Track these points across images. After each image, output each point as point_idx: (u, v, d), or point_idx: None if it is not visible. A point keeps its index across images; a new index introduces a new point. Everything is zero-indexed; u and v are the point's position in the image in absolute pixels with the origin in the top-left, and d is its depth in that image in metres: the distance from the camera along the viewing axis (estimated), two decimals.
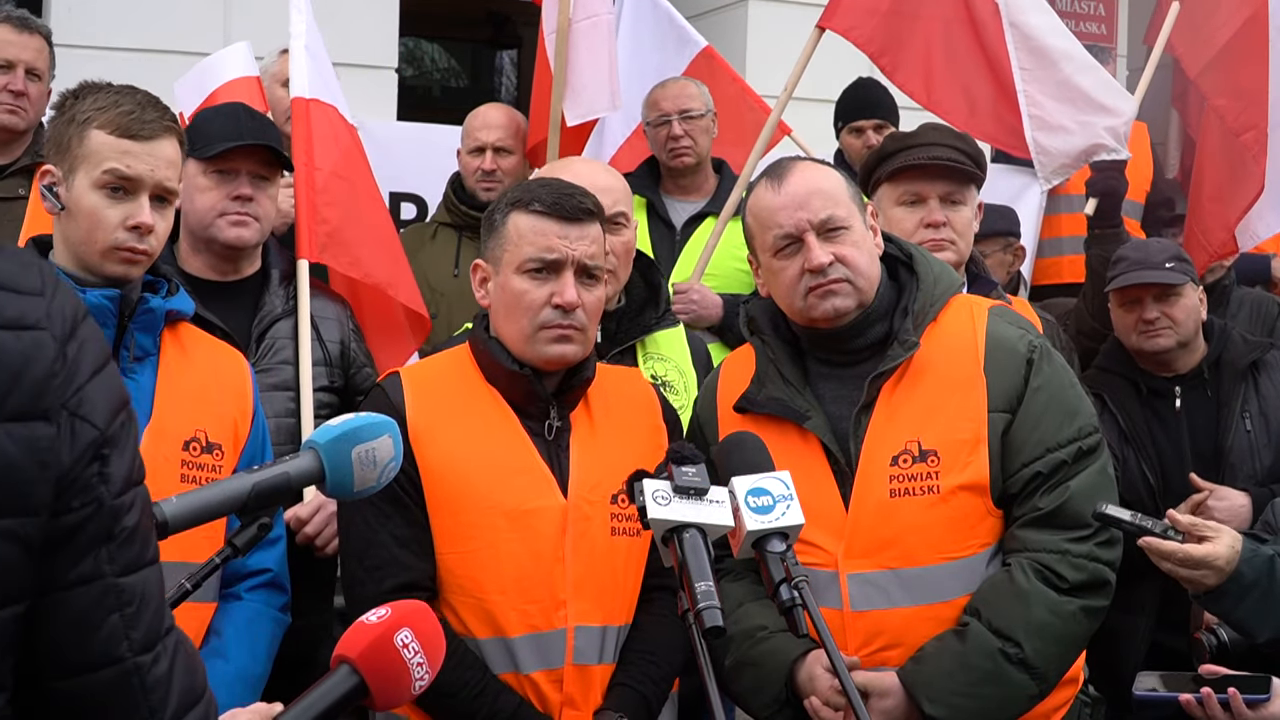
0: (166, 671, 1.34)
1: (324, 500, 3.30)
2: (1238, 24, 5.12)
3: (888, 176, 3.47)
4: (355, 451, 1.99)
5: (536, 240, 2.57)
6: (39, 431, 1.24)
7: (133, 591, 1.32)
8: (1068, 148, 4.51)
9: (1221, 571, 2.58)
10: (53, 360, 1.26)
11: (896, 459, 2.56)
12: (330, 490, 2.01)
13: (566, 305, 2.54)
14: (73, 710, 1.30)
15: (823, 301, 2.61)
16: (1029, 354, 2.63)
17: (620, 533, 2.59)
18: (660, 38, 5.58)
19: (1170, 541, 2.55)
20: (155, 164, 2.52)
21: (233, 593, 2.68)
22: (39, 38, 4.39)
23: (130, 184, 2.51)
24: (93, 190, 2.50)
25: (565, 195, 2.59)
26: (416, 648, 1.66)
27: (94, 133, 2.49)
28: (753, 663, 2.63)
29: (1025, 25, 4.52)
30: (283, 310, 3.48)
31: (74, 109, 2.53)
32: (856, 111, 5.46)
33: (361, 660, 1.63)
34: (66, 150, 2.52)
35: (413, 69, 11.55)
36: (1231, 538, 2.61)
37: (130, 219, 2.50)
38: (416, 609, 1.70)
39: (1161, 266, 3.98)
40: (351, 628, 1.67)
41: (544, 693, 2.54)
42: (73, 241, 2.52)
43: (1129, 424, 4.00)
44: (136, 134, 2.50)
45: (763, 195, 2.68)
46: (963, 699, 2.49)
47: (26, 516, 1.23)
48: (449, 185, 4.87)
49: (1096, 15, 9.00)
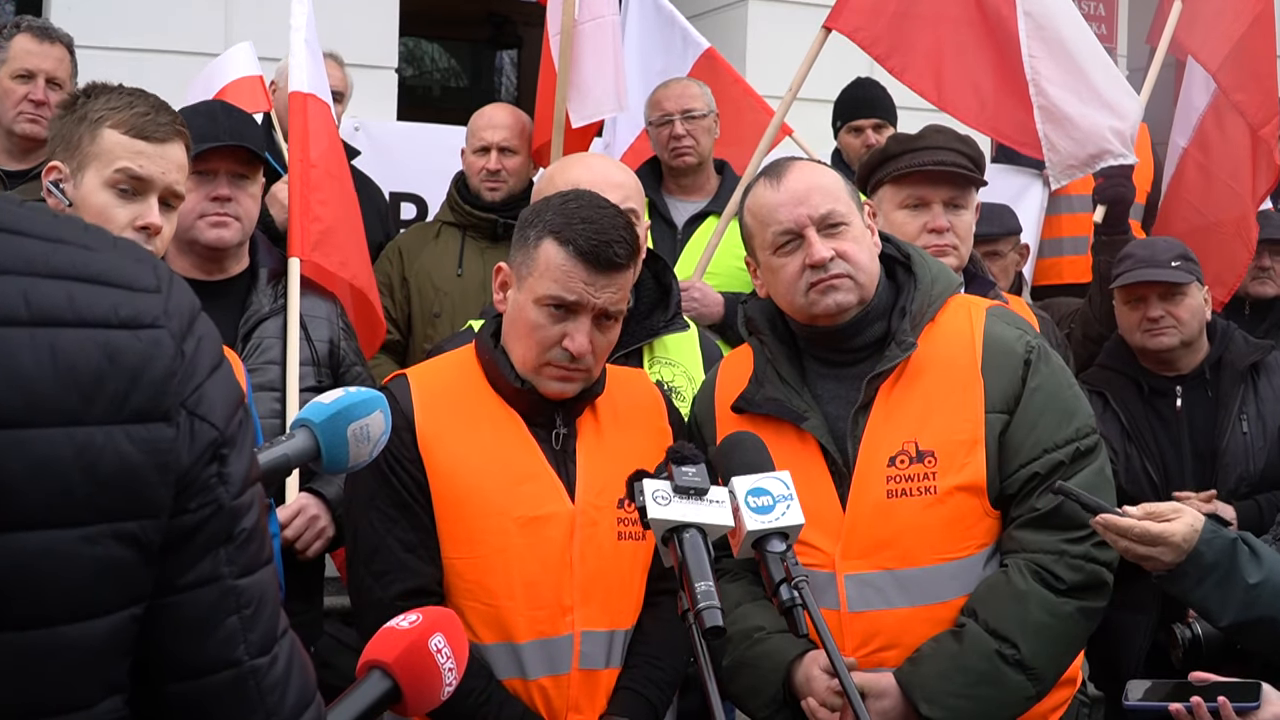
0: (283, 674, 1.33)
1: (305, 503, 3.30)
2: (1248, 20, 5.15)
3: (890, 179, 3.47)
4: (351, 429, 2.00)
5: (562, 280, 2.52)
6: (159, 433, 1.22)
7: (251, 594, 1.30)
8: (1075, 147, 4.50)
9: (1178, 549, 2.57)
10: (171, 359, 1.24)
11: (894, 459, 2.56)
12: (326, 467, 2.02)
13: (576, 353, 2.52)
14: (189, 712, 1.28)
15: (824, 297, 2.60)
16: (1026, 354, 2.62)
17: (626, 537, 2.59)
18: (664, 40, 5.59)
19: (1126, 518, 2.55)
20: (166, 166, 2.53)
21: None
22: (60, 47, 4.40)
23: (140, 185, 2.51)
24: (103, 189, 2.50)
25: (603, 243, 2.51)
26: (449, 653, 1.67)
27: (107, 132, 2.50)
28: (750, 664, 2.63)
29: (1039, 14, 4.50)
30: (270, 309, 3.46)
31: (86, 108, 2.53)
32: (855, 111, 5.47)
33: (397, 665, 1.63)
34: (76, 148, 2.52)
35: (413, 69, 11.55)
36: (1192, 517, 2.60)
37: (139, 219, 2.50)
38: (445, 615, 1.71)
39: (1167, 265, 3.98)
40: (381, 633, 1.67)
41: (550, 698, 2.53)
42: None
43: (1131, 422, 4.00)
44: (150, 135, 2.51)
45: (762, 193, 2.68)
46: (959, 700, 2.49)
47: (147, 519, 1.21)
48: (452, 184, 4.87)
49: (1097, 15, 9.00)
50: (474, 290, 4.54)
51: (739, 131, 5.21)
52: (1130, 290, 4.02)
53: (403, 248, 4.79)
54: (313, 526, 3.29)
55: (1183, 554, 2.57)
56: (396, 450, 2.52)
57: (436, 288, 4.65)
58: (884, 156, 3.52)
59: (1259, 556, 2.63)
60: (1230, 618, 2.61)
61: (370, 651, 1.65)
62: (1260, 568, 2.61)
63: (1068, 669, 2.66)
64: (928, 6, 4.67)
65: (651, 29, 5.60)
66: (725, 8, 8.23)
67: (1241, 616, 2.61)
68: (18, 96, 4.28)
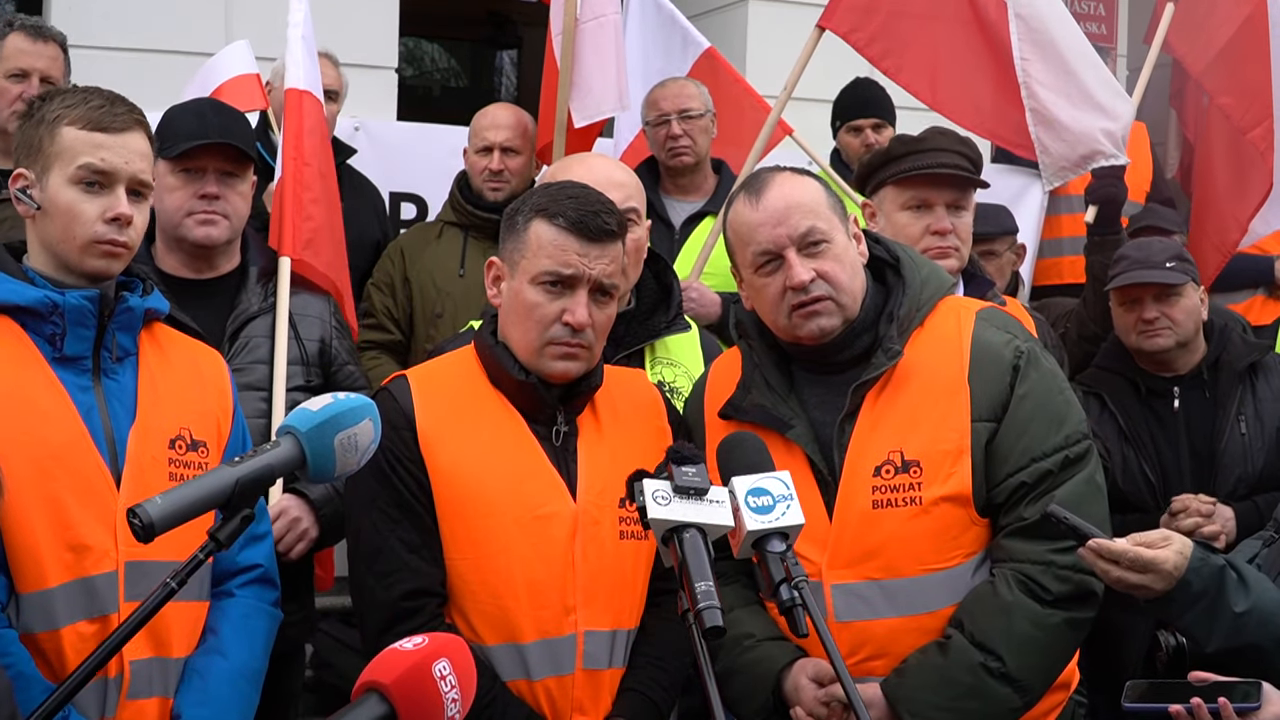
0: None
1: (287, 505, 3.29)
2: (1238, 22, 5.13)
3: (894, 180, 3.46)
4: (338, 438, 1.97)
5: (555, 254, 2.53)
6: None
7: None
8: (1066, 149, 4.51)
9: (1169, 576, 2.55)
10: None
11: (879, 469, 2.54)
12: (312, 476, 2.00)
13: (576, 325, 2.52)
14: None
15: (807, 322, 2.58)
16: (1015, 360, 2.59)
17: (628, 536, 2.59)
18: (665, 39, 5.58)
19: (1118, 542, 2.53)
20: (129, 156, 2.53)
21: (225, 590, 2.68)
22: (54, 45, 4.39)
23: (105, 177, 2.51)
24: (68, 186, 2.50)
25: (590, 213, 2.55)
26: (454, 681, 1.59)
27: (65, 129, 2.50)
28: (740, 670, 2.62)
29: (1031, 17, 4.51)
30: (259, 308, 3.45)
31: (43, 110, 2.55)
32: (855, 111, 5.47)
33: (396, 688, 1.56)
34: (39, 151, 2.52)
35: (413, 69, 11.55)
36: (1181, 544, 2.58)
37: (109, 211, 2.50)
38: (453, 641, 1.65)
39: (1162, 266, 3.98)
40: (383, 654, 1.60)
41: (554, 698, 2.53)
42: (50, 241, 2.52)
43: (1128, 423, 4.00)
44: (107, 127, 2.51)
45: (741, 210, 2.64)
46: (944, 713, 2.48)
47: None
48: (455, 184, 4.87)
49: (1097, 15, 8.99)
50: (476, 290, 4.51)
51: (739, 131, 5.21)
52: (1125, 292, 4.02)
53: (404, 248, 4.79)
54: (294, 529, 3.27)
55: (1173, 581, 2.55)
56: (398, 451, 2.52)
57: (439, 288, 4.65)
58: (887, 158, 3.52)
59: (1246, 584, 2.61)
60: (1217, 645, 2.60)
61: (369, 672, 1.58)
62: (1247, 596, 2.60)
63: (1059, 676, 2.64)
64: (922, 6, 4.68)
65: (652, 28, 5.60)
66: (725, 8, 8.22)
67: (1229, 644, 2.59)
68: (11, 96, 4.28)
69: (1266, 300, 6.20)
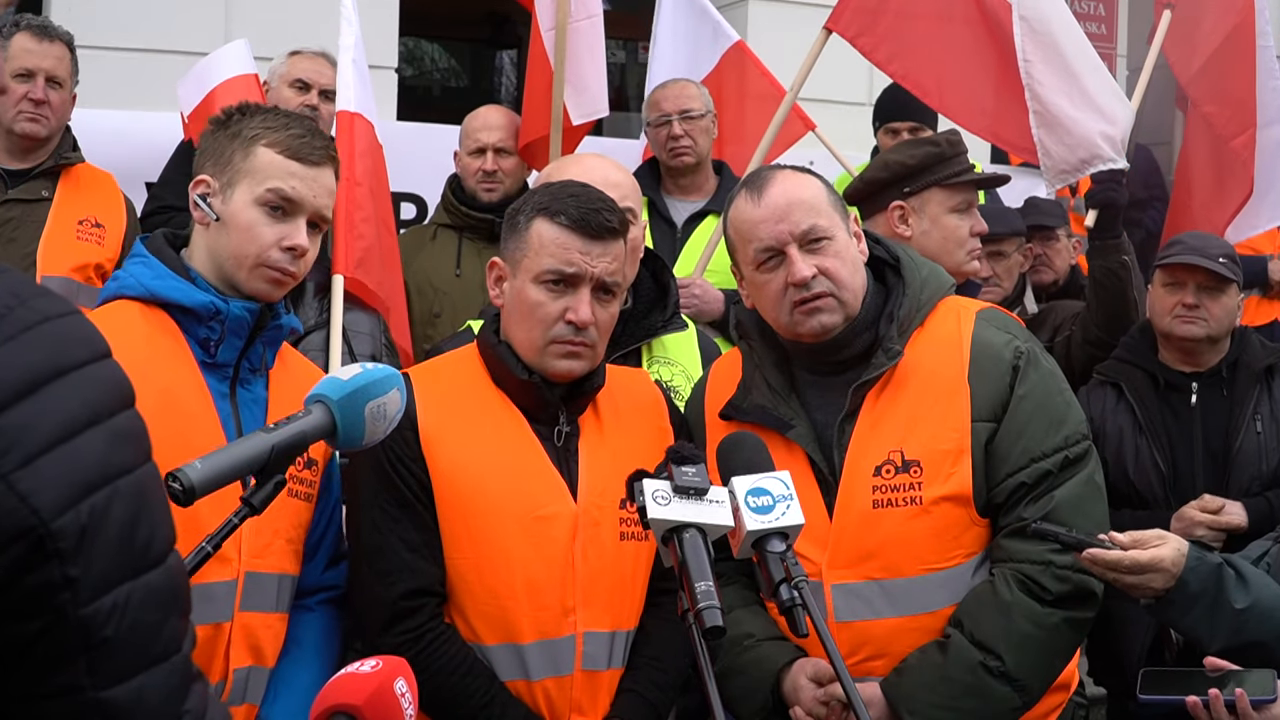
0: None
1: None
2: (1225, 31, 5.15)
3: (945, 183, 3.50)
4: (369, 407, 2.01)
5: (558, 253, 2.53)
6: None
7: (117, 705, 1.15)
8: (1067, 152, 4.51)
9: (1169, 574, 2.54)
10: None
11: (879, 469, 2.54)
12: (341, 444, 2.03)
13: (580, 323, 2.52)
14: None
15: (809, 319, 2.58)
16: (1015, 360, 2.60)
17: (629, 537, 2.58)
18: (695, 31, 5.58)
19: (1114, 551, 2.52)
20: (318, 190, 2.54)
21: (305, 605, 2.67)
22: (60, 45, 4.39)
23: (291, 205, 2.51)
24: (253, 205, 2.49)
25: (592, 211, 2.55)
26: (410, 699, 1.66)
27: (262, 150, 2.50)
28: (740, 670, 2.62)
29: (1035, 19, 4.51)
30: (315, 323, 3.52)
31: (240, 124, 2.54)
32: (893, 113, 5.46)
33: (367, 707, 1.60)
34: (228, 163, 2.52)
35: (413, 69, 11.55)
36: (1177, 542, 2.58)
37: (286, 239, 2.50)
38: (399, 661, 1.70)
39: (1215, 259, 4.02)
40: (340, 678, 1.65)
41: (553, 699, 2.53)
42: (221, 253, 2.51)
43: (1144, 415, 4.03)
44: (304, 157, 2.51)
45: (742, 207, 2.64)
46: (944, 712, 2.48)
47: None
48: (447, 186, 4.87)
49: (1097, 15, 9.00)
50: (473, 290, 4.54)
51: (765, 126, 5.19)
52: (1172, 273, 4.03)
53: (400, 249, 4.79)
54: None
55: (1173, 578, 2.54)
56: (399, 449, 2.52)
57: (436, 288, 4.65)
58: (937, 159, 3.53)
59: (1245, 581, 2.61)
60: (1220, 644, 2.59)
61: (333, 696, 1.62)
62: (1247, 593, 2.59)
63: (1059, 677, 2.64)
64: (928, 7, 4.68)
65: (684, 18, 5.60)
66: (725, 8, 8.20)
67: (1231, 642, 2.58)
68: (18, 95, 4.27)
69: (1261, 301, 6.22)
